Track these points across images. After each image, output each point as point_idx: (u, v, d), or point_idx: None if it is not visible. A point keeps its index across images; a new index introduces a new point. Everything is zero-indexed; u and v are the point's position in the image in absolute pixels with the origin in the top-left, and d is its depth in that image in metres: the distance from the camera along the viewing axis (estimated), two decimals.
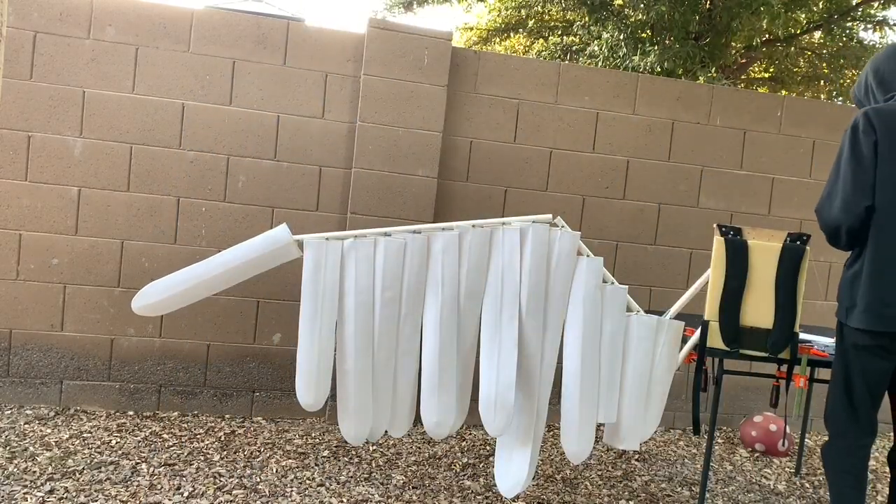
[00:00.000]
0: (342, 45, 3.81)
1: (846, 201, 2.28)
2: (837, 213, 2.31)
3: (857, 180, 2.26)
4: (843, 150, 2.34)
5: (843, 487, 2.38)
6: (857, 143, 2.28)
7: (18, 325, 3.62)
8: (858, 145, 2.28)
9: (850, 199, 2.27)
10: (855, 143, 2.29)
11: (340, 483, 3.10)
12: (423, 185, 3.85)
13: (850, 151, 2.30)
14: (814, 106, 4.39)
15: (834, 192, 2.33)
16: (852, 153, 2.29)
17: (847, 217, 2.29)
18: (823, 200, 2.38)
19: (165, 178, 3.69)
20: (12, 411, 3.56)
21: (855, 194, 2.26)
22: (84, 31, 3.58)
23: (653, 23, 7.40)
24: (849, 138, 2.31)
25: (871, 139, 2.26)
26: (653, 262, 4.23)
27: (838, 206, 2.30)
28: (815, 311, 4.41)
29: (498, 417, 2.55)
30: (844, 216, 2.29)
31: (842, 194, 2.30)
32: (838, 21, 8.03)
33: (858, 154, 2.27)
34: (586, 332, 2.57)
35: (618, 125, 4.14)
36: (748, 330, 2.66)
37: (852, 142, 2.30)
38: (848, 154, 2.30)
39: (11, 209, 3.57)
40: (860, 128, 2.29)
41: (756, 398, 4.45)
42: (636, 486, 3.37)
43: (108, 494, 2.79)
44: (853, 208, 2.27)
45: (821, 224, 2.39)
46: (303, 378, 2.50)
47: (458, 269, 2.56)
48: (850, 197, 2.27)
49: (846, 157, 2.30)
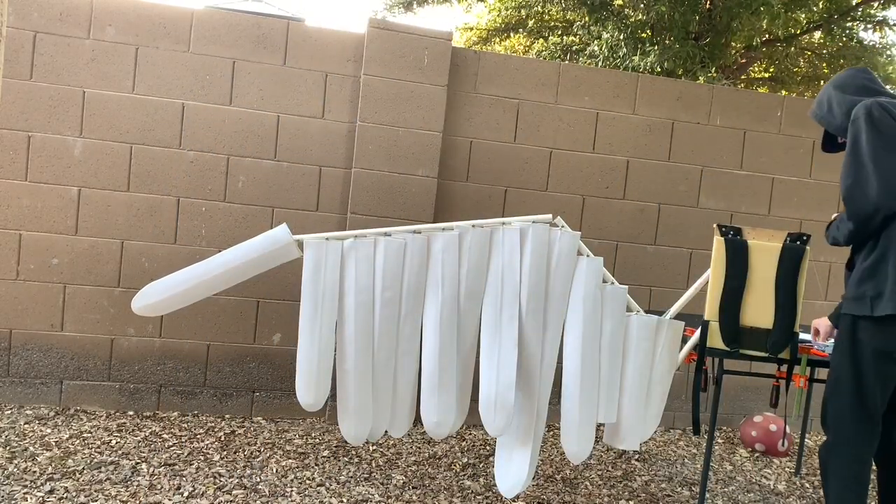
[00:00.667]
0: (342, 45, 3.81)
1: (888, 181, 2.19)
2: (876, 196, 2.20)
3: (894, 161, 2.20)
4: (859, 137, 2.27)
5: (847, 495, 2.32)
6: (878, 127, 2.23)
7: (18, 325, 3.62)
8: (880, 129, 2.23)
9: (892, 181, 2.19)
10: (876, 127, 2.24)
11: (340, 483, 3.10)
12: (423, 185, 3.85)
13: (873, 135, 2.23)
14: None
15: (863, 177, 2.23)
16: (878, 136, 2.23)
17: (888, 198, 2.19)
18: (852, 188, 2.26)
19: (165, 178, 3.69)
20: (12, 411, 3.56)
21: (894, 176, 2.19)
22: (84, 31, 3.58)
23: (653, 23, 7.40)
24: (866, 123, 2.25)
25: (890, 123, 2.24)
26: (653, 262, 4.23)
27: (876, 189, 2.20)
28: (815, 311, 4.41)
29: (498, 417, 2.55)
30: (884, 199, 2.19)
31: (878, 178, 2.20)
32: (838, 21, 8.03)
33: (886, 137, 2.22)
34: (586, 331, 2.57)
35: (618, 125, 4.14)
36: (748, 330, 2.66)
37: (872, 127, 2.24)
38: (872, 137, 2.23)
39: (11, 209, 3.57)
40: (874, 115, 2.25)
41: (756, 398, 4.45)
42: (636, 486, 3.37)
43: (108, 494, 2.79)
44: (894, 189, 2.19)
45: (853, 210, 2.27)
46: (303, 378, 2.50)
47: (458, 269, 2.56)
48: (892, 177, 2.18)
49: (871, 141, 2.23)
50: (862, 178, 2.24)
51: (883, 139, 2.22)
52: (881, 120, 2.24)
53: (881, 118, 2.24)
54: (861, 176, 2.24)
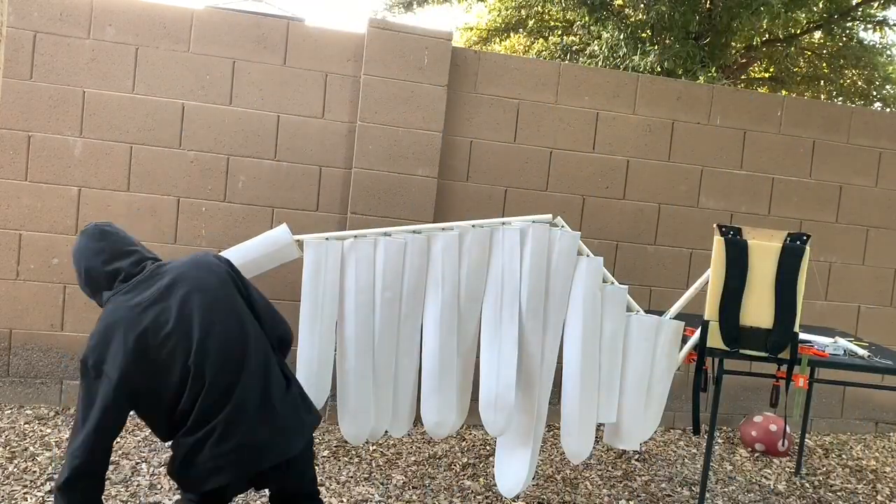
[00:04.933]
0: (342, 45, 3.81)
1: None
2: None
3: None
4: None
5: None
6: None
7: (18, 325, 3.62)
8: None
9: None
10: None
11: (340, 483, 3.10)
12: (423, 185, 3.85)
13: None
14: (814, 106, 4.39)
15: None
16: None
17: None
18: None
19: (165, 178, 3.69)
20: (12, 411, 3.56)
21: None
22: (84, 31, 3.58)
23: (653, 23, 7.40)
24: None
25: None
26: (653, 262, 4.23)
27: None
28: (815, 311, 4.41)
29: (498, 417, 2.55)
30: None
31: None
32: (838, 21, 8.03)
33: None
34: (586, 331, 2.56)
35: (618, 125, 4.14)
36: (748, 330, 2.66)
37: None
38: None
39: (11, 209, 3.57)
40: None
41: (756, 398, 4.45)
42: (636, 486, 3.37)
43: (108, 494, 2.79)
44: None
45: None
46: (303, 378, 2.50)
47: (459, 269, 2.55)
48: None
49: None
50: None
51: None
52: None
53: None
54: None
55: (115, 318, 1.82)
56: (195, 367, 1.82)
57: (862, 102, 9.83)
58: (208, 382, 1.82)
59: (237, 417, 1.84)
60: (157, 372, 1.81)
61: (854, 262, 4.46)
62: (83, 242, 1.97)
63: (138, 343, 1.79)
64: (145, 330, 1.80)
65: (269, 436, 1.88)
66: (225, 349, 1.86)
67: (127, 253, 1.97)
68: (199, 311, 1.86)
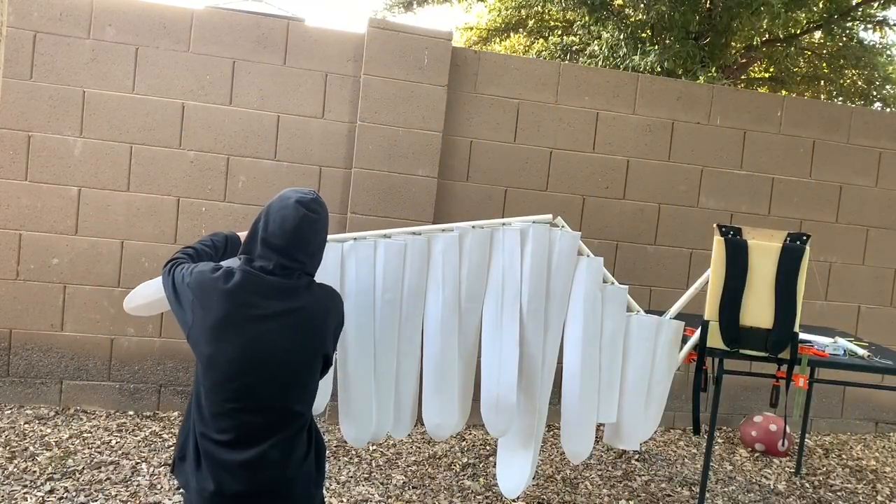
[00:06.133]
0: (342, 45, 3.81)
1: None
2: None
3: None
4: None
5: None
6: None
7: (18, 325, 3.62)
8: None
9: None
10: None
11: (340, 483, 3.10)
12: (423, 185, 3.85)
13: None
14: (814, 106, 4.39)
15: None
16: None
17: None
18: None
19: (165, 178, 3.69)
20: (12, 411, 3.56)
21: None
22: (84, 31, 3.58)
23: (653, 23, 7.40)
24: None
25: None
26: (653, 262, 4.23)
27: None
28: (815, 311, 4.41)
29: (500, 418, 2.54)
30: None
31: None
32: (838, 21, 8.02)
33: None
34: (587, 331, 2.56)
35: (618, 125, 4.14)
36: (748, 330, 2.66)
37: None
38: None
39: (11, 209, 3.57)
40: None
41: (756, 398, 4.45)
42: (636, 486, 3.37)
43: (108, 494, 2.79)
44: None
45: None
46: None
47: (459, 270, 2.55)
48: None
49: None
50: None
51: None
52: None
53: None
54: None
55: (239, 281, 1.75)
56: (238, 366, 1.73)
57: (862, 102, 9.82)
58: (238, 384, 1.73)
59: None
60: (213, 340, 1.73)
61: (854, 262, 4.46)
62: (292, 211, 1.82)
63: (224, 312, 1.72)
64: (238, 313, 1.72)
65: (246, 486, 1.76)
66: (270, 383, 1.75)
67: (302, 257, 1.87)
68: (273, 350, 1.75)
